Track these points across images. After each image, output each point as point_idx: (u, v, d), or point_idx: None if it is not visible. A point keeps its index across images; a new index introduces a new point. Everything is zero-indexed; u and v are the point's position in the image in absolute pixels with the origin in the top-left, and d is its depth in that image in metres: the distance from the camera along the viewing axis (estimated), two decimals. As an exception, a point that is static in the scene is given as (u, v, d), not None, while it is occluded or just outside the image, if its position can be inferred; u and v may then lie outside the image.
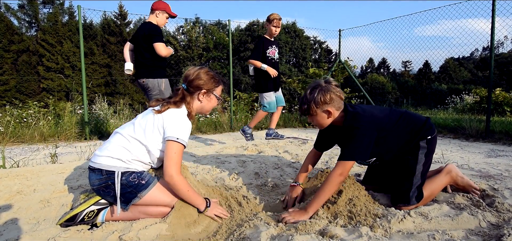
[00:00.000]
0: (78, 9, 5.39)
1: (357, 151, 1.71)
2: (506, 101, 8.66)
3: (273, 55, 4.14)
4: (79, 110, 6.31)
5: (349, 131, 1.76)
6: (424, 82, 38.00)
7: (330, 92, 1.77)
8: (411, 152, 1.83)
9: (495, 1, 4.61)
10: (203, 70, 1.85)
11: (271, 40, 4.15)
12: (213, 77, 1.88)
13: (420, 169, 1.81)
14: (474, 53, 48.87)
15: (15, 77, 25.21)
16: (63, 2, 29.12)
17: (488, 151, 3.80)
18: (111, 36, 29.27)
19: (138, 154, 1.72)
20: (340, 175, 1.70)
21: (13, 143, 4.98)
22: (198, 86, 1.83)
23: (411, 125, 1.84)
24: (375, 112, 1.84)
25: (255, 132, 6.29)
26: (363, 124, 1.73)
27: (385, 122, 1.81)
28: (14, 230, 1.66)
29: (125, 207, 1.70)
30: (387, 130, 1.80)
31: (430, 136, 1.84)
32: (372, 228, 1.51)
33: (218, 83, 1.90)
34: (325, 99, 1.77)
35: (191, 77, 1.83)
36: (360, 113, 1.79)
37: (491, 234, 1.45)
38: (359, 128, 1.72)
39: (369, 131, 1.73)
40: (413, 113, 1.95)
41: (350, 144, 1.73)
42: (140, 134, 1.72)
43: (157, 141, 1.73)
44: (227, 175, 2.70)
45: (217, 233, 1.60)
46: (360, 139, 1.71)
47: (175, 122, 1.71)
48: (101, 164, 1.67)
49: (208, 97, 1.88)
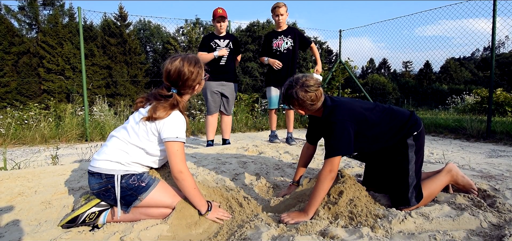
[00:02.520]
0: (78, 10, 5.40)
1: (338, 146, 1.72)
2: (507, 101, 8.63)
3: (278, 46, 3.98)
4: (80, 112, 6.32)
5: (327, 126, 1.79)
6: (425, 83, 37.99)
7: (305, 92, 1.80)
8: (400, 153, 1.82)
9: (496, 1, 4.61)
10: (185, 67, 1.71)
11: (277, 31, 4.03)
12: (197, 65, 1.76)
13: (412, 168, 1.80)
14: (475, 53, 48.85)
15: (16, 79, 25.25)
16: (63, 3, 29.20)
17: (489, 151, 3.80)
18: (112, 38, 29.31)
19: (136, 157, 1.72)
20: (330, 171, 1.72)
21: (14, 144, 4.99)
22: (191, 86, 1.76)
23: (395, 120, 1.84)
24: (355, 105, 1.84)
25: (256, 133, 6.29)
26: (339, 117, 1.75)
27: (365, 115, 1.81)
28: (16, 232, 1.67)
29: (126, 210, 1.70)
30: (368, 123, 1.80)
31: (416, 131, 1.83)
32: (373, 229, 1.51)
33: (201, 68, 1.80)
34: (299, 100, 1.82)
35: (181, 81, 1.72)
36: (338, 106, 1.80)
37: (492, 235, 1.45)
38: (336, 123, 1.74)
39: (347, 123, 1.74)
40: (397, 108, 1.94)
41: (330, 140, 1.75)
42: (135, 139, 1.70)
43: (154, 143, 1.71)
44: (228, 176, 2.70)
45: (218, 234, 1.60)
46: (339, 134, 1.73)
47: (170, 123, 1.67)
48: (100, 168, 1.67)
49: (198, 87, 1.83)
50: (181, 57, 1.74)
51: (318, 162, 3.25)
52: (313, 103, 1.83)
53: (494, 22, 4.62)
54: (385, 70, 47.49)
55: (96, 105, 6.63)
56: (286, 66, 3.97)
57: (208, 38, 4.10)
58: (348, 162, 3.21)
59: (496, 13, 4.63)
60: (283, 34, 3.97)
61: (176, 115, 1.70)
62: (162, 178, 1.83)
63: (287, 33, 4.00)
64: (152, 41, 41.30)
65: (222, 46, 4.04)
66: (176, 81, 1.72)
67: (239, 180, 2.58)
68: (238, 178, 2.62)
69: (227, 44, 4.08)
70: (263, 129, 6.68)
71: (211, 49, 4.02)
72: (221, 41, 4.07)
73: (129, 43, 30.21)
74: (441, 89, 31.88)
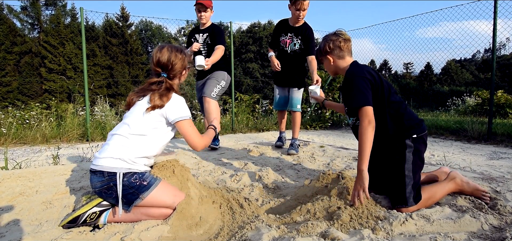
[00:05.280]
0: (81, 11, 5.42)
1: (363, 97, 1.78)
2: (508, 103, 8.63)
3: (286, 45, 3.59)
4: (81, 112, 6.33)
5: (348, 82, 1.88)
6: (425, 84, 37.91)
7: (330, 41, 2.00)
8: (398, 152, 1.83)
9: (496, 2, 4.61)
10: (173, 54, 1.90)
11: (289, 25, 3.57)
12: (182, 53, 1.95)
13: (409, 167, 1.80)
14: (476, 55, 48.75)
15: (18, 78, 25.33)
16: (66, 4, 29.31)
17: (490, 153, 3.79)
18: (113, 38, 29.40)
19: (139, 149, 1.74)
20: (368, 122, 1.75)
21: (15, 144, 5.00)
22: (179, 71, 1.94)
23: (400, 115, 1.86)
24: (376, 76, 1.90)
25: (255, 134, 6.29)
26: (361, 74, 1.84)
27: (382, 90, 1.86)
28: (17, 232, 1.67)
29: (127, 209, 1.71)
30: (378, 97, 1.85)
31: (417, 134, 1.84)
32: (374, 231, 1.50)
33: (187, 55, 2.00)
34: (325, 48, 2.02)
35: (170, 66, 1.89)
36: (362, 66, 1.91)
37: (493, 237, 1.45)
38: (358, 77, 1.83)
39: (366, 80, 1.83)
40: (409, 109, 1.96)
41: (354, 93, 1.81)
42: (138, 128, 1.75)
43: (160, 128, 1.81)
44: (228, 177, 2.70)
45: (219, 235, 1.60)
46: (360, 86, 1.80)
47: (173, 105, 1.82)
48: (102, 165, 1.68)
49: (185, 72, 2.01)
50: (169, 45, 1.95)
51: (319, 163, 3.25)
52: (342, 52, 1.98)
53: (495, 24, 4.62)
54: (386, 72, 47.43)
55: (98, 106, 6.65)
56: (291, 68, 3.65)
57: (191, 32, 3.86)
58: (348, 163, 3.21)
59: (497, 15, 4.63)
60: (295, 32, 3.57)
61: (175, 98, 1.85)
62: (164, 178, 1.83)
63: (299, 32, 3.56)
64: (153, 41, 41.41)
65: (200, 42, 3.74)
66: (165, 66, 1.89)
67: (240, 181, 2.58)
68: (239, 179, 2.62)
69: (205, 39, 3.73)
70: (264, 129, 6.68)
71: (191, 45, 3.76)
72: (200, 36, 3.76)
73: (131, 43, 30.29)
74: (442, 91, 31.82)
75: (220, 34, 3.69)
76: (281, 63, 3.66)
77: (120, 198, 1.67)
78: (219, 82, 3.75)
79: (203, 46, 3.78)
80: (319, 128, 6.96)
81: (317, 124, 6.98)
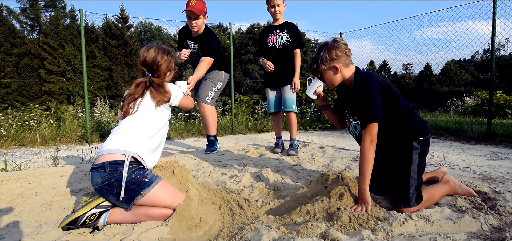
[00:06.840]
0: (80, 12, 5.42)
1: (374, 111, 1.73)
2: (508, 103, 8.63)
3: (273, 42, 3.59)
4: (81, 113, 6.33)
5: (360, 93, 1.80)
6: (425, 85, 37.93)
7: (335, 49, 1.85)
8: (404, 152, 1.85)
9: (495, 3, 4.62)
10: (159, 55, 1.96)
11: (272, 26, 3.63)
12: (169, 55, 2.01)
13: (414, 169, 1.82)
14: (475, 55, 48.84)
15: (17, 80, 25.33)
16: (65, 5, 29.34)
17: (489, 153, 3.79)
18: (113, 39, 29.41)
19: (143, 133, 1.82)
20: (371, 141, 1.73)
21: (14, 146, 4.99)
22: (164, 72, 2.00)
23: (409, 120, 1.86)
24: (385, 84, 1.88)
25: (255, 135, 6.29)
26: (373, 85, 1.78)
27: (392, 98, 1.84)
28: (16, 233, 1.67)
29: (127, 207, 1.71)
30: (389, 105, 1.83)
31: (423, 137, 1.86)
32: (373, 231, 1.51)
33: (173, 57, 2.06)
34: (331, 56, 1.86)
35: (155, 66, 1.96)
36: (371, 75, 1.87)
37: (493, 238, 1.45)
38: (371, 88, 1.76)
39: (378, 92, 1.78)
40: (416, 112, 1.98)
41: (365, 106, 1.76)
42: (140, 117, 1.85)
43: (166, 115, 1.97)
44: (228, 178, 2.70)
45: (219, 236, 1.60)
46: (372, 98, 1.74)
47: (173, 93, 1.98)
48: (110, 150, 1.71)
49: (169, 74, 2.08)
50: (157, 46, 2.00)
51: (319, 164, 3.25)
52: (348, 59, 1.89)
53: (494, 24, 4.63)
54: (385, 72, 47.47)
55: (97, 107, 6.65)
56: (281, 64, 3.56)
57: (182, 33, 3.68)
58: (348, 164, 3.21)
59: (496, 15, 4.64)
60: (279, 28, 3.57)
61: (170, 86, 2.00)
62: (164, 178, 1.84)
63: (284, 27, 3.57)
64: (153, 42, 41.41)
65: (192, 49, 3.60)
66: (151, 66, 1.96)
67: (239, 182, 2.58)
68: (239, 180, 2.62)
69: (198, 50, 3.59)
70: (263, 130, 6.68)
71: (183, 48, 3.61)
72: (192, 44, 3.60)
73: (130, 45, 30.30)
74: (442, 92, 31.83)
75: (210, 44, 3.44)
76: (272, 62, 3.62)
77: (124, 177, 1.66)
78: (215, 84, 3.66)
79: (196, 55, 3.64)
80: (318, 128, 6.96)
81: (316, 125, 6.98)
